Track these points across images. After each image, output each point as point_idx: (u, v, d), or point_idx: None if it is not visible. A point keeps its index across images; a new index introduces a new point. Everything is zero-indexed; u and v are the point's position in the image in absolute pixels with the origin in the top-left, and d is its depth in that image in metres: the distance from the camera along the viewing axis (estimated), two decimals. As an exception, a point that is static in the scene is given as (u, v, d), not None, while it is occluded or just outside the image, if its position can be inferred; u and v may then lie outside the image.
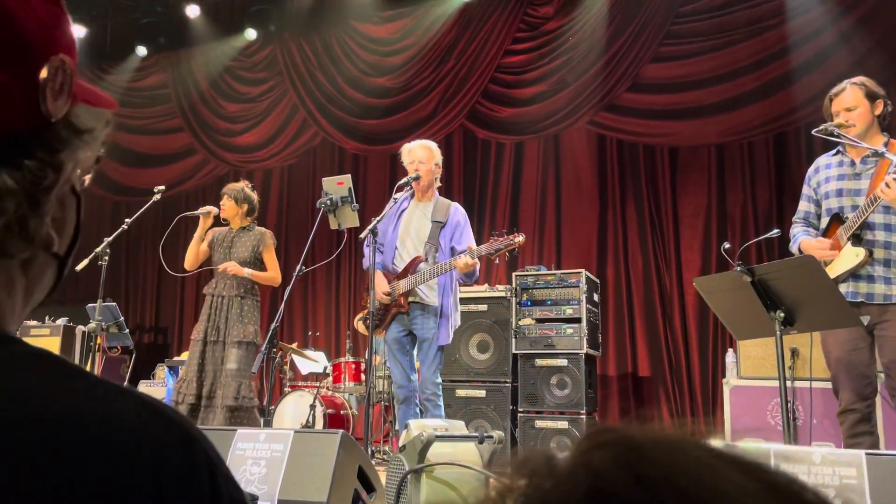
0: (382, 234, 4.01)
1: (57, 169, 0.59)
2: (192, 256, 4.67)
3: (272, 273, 4.60)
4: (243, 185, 4.71)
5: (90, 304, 4.79)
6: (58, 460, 0.49)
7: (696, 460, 0.33)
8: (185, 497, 0.52)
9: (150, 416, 0.55)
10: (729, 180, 6.22)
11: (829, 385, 3.13)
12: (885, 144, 3.00)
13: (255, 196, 4.74)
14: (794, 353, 4.14)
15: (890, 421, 3.59)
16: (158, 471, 0.52)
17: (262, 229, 4.69)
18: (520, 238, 3.64)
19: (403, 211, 4.04)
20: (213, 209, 4.63)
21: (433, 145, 4.10)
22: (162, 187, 4.60)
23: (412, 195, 4.07)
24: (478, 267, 3.80)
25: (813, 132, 3.03)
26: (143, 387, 6.74)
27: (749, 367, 4.44)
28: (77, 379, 0.54)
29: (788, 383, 3.52)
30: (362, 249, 4.06)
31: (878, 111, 3.03)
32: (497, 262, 3.70)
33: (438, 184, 4.12)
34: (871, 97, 3.02)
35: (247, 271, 4.47)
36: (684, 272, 6.18)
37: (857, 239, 2.94)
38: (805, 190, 3.27)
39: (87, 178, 0.68)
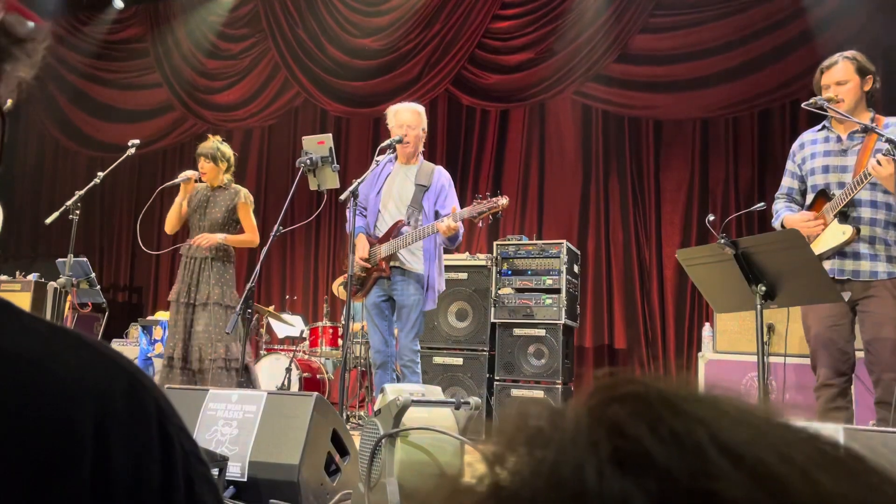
0: (365, 197, 3.93)
1: None
2: (174, 219, 4.50)
3: (248, 235, 4.44)
4: (217, 143, 4.53)
5: (60, 259, 4.68)
6: None
7: (742, 417, 0.28)
8: (131, 446, 0.48)
9: (94, 359, 0.50)
10: (712, 156, 6.21)
11: (803, 361, 3.15)
12: (872, 120, 2.98)
13: (229, 151, 4.57)
14: (771, 328, 4.16)
15: (862, 398, 3.63)
16: (102, 417, 0.47)
17: (238, 187, 4.50)
18: (503, 200, 3.58)
19: (388, 175, 3.96)
20: (192, 174, 4.46)
21: (421, 109, 4.02)
22: (136, 141, 4.44)
23: (395, 158, 3.99)
24: (461, 231, 3.74)
25: (803, 105, 2.99)
26: (116, 345, 6.65)
27: (725, 341, 4.47)
28: (6, 314, 0.49)
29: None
30: (343, 212, 3.99)
31: (868, 87, 3.00)
32: (480, 224, 3.65)
33: (423, 148, 4.05)
34: (862, 72, 2.98)
35: (220, 237, 4.31)
36: (664, 246, 6.19)
37: (843, 216, 2.92)
38: (789, 166, 3.24)
39: (11, 99, 0.60)
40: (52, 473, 0.45)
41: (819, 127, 3.17)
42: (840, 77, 2.98)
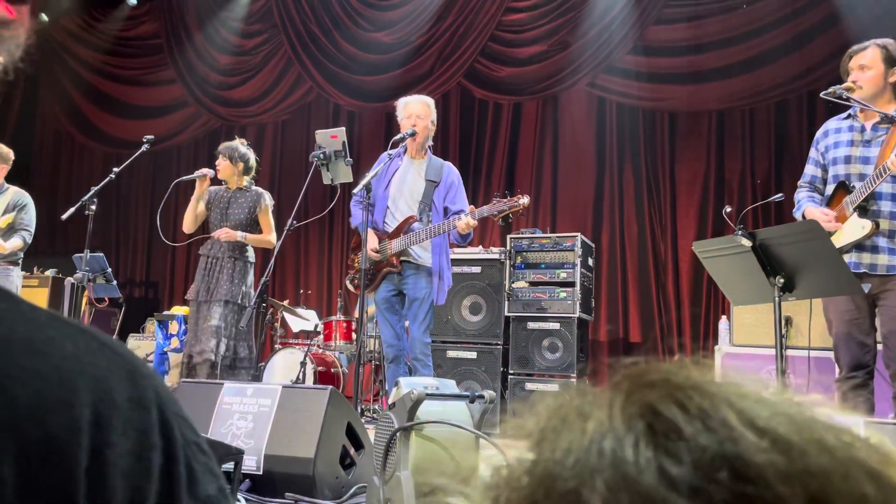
0: (372, 192, 3.91)
1: None
2: (191, 219, 4.53)
3: (266, 235, 4.49)
4: (238, 143, 4.56)
5: (77, 255, 4.72)
6: None
7: (761, 399, 0.31)
8: (130, 435, 0.47)
9: (90, 345, 0.49)
10: (728, 148, 6.14)
11: (824, 354, 3.11)
12: None
13: (251, 154, 4.59)
14: (788, 321, 4.12)
15: (881, 392, 3.58)
16: (100, 403, 0.46)
17: (260, 190, 4.55)
18: (524, 200, 3.55)
19: (396, 170, 3.94)
20: (208, 171, 4.49)
21: (430, 101, 4.00)
22: (151, 137, 4.47)
23: (404, 152, 3.97)
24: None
25: (821, 95, 2.93)
26: (132, 340, 6.71)
27: (742, 334, 4.43)
28: (5, 303, 0.48)
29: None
30: (351, 208, 3.96)
31: (893, 79, 2.93)
32: (501, 223, 3.62)
33: (431, 142, 4.03)
34: (890, 62, 2.91)
35: (240, 235, 4.36)
36: (679, 239, 6.14)
37: (862, 210, 2.87)
38: (812, 153, 3.17)
39: None
40: (47, 458, 0.44)
41: (844, 115, 3.09)
42: (865, 61, 2.91)
